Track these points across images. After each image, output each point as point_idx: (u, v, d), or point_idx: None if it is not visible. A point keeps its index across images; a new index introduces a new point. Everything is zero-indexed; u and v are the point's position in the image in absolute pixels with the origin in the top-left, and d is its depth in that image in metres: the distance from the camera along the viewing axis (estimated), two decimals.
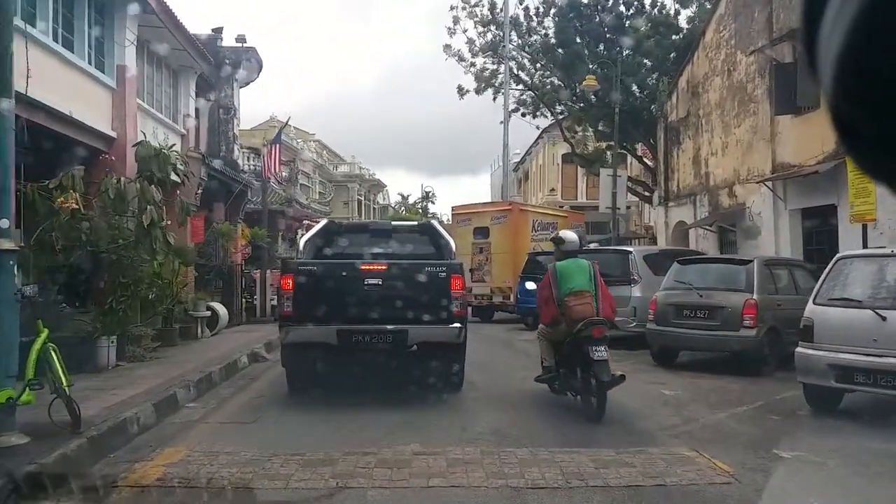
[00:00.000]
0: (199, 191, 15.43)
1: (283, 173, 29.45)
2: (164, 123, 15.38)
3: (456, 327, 7.47)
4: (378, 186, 60.10)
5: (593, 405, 6.64)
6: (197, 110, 18.18)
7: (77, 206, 8.51)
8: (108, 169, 9.85)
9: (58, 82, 10.61)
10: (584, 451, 5.42)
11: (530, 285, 14.35)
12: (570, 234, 7.72)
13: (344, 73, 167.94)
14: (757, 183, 15.72)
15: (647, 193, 26.29)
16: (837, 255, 7.09)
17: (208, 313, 13.44)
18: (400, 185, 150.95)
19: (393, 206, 65.53)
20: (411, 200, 65.91)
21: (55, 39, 10.86)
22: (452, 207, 21.67)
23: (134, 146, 10.16)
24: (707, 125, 18.93)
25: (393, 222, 11.64)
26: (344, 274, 7.67)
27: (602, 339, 6.65)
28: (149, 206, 9.24)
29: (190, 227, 15.02)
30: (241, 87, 21.29)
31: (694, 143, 19.71)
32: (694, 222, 19.16)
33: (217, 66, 18.91)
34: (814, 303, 6.83)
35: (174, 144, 12.02)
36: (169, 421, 6.68)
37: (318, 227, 9.34)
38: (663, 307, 10.20)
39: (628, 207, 27.29)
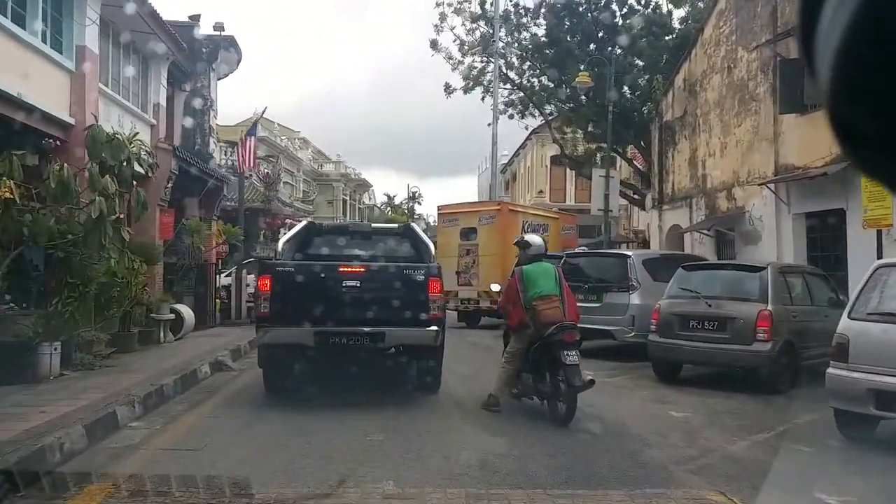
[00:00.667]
0: (169, 184, 14.48)
1: (266, 170, 28.44)
2: (131, 112, 14.39)
3: (433, 330, 7.45)
4: (364, 186, 59.14)
5: (561, 410, 6.66)
6: (170, 101, 17.18)
7: (12, 196, 7.50)
8: (49, 154, 8.85)
9: (5, 61, 9.67)
10: (589, 494, 4.54)
11: None
12: (535, 239, 7.83)
13: (333, 71, 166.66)
14: (758, 185, 14.97)
15: (636, 197, 25.61)
16: (876, 264, 6.23)
17: (172, 316, 12.42)
18: (387, 185, 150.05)
19: (379, 206, 64.62)
20: (397, 201, 65.12)
21: (3, 13, 9.90)
22: (438, 207, 20.67)
23: (84, 130, 9.17)
24: (705, 125, 18.15)
25: (373, 224, 11.44)
26: (322, 275, 7.62)
27: (573, 343, 6.76)
28: (98, 198, 8.24)
29: (158, 222, 14.06)
30: (219, 79, 20.25)
31: (690, 143, 18.93)
32: (690, 226, 18.35)
33: (193, 54, 17.87)
34: (849, 317, 5.97)
35: (137, 133, 11.01)
36: (102, 446, 5.71)
37: (297, 227, 9.32)
38: (667, 317, 9.35)
39: (619, 210, 26.57)
